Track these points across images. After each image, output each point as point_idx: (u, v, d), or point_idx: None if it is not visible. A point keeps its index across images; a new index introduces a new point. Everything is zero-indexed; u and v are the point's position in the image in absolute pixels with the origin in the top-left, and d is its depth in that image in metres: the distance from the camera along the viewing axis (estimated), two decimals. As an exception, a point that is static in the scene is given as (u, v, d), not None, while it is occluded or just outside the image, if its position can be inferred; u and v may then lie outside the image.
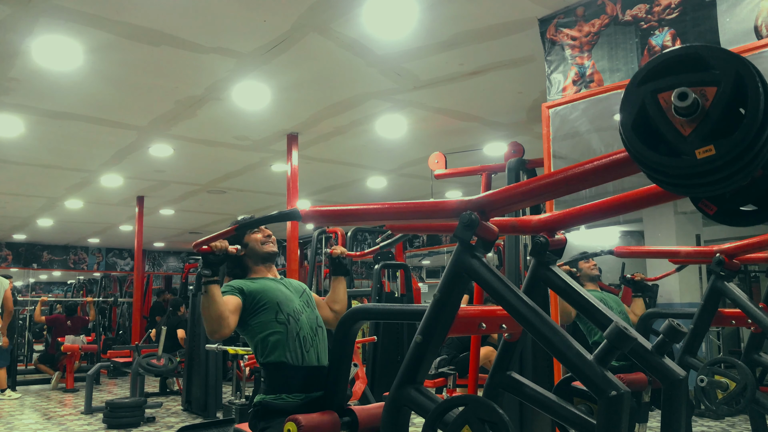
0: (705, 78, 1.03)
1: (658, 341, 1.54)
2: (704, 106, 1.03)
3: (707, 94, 1.03)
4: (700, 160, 1.03)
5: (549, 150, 3.24)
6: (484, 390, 1.74)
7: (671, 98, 1.05)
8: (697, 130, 1.04)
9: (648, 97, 1.09)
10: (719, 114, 1.02)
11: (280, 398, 2.14)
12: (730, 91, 1.01)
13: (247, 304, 2.25)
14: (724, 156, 1.01)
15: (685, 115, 1.04)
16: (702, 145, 1.03)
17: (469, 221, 1.48)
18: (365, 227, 10.78)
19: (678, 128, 1.06)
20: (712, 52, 1.04)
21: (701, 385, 2.64)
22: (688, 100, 1.03)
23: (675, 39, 2.88)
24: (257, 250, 2.40)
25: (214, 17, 3.53)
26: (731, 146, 1.00)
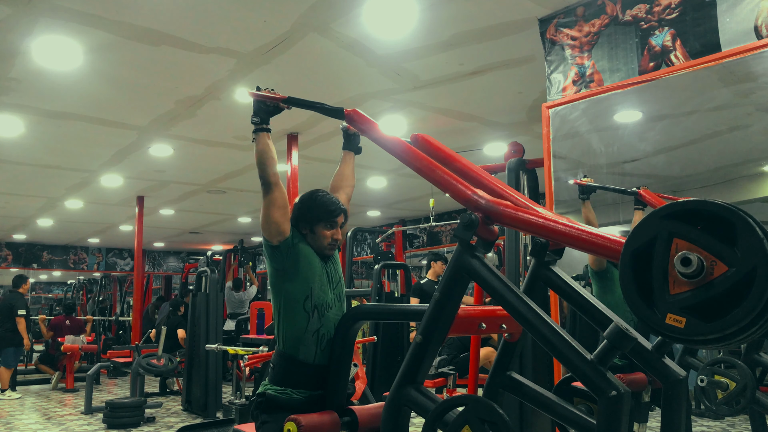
0: (724, 254, 0.99)
1: (658, 341, 1.54)
2: (708, 275, 1.00)
3: (716, 268, 0.99)
4: (667, 324, 1.02)
5: (549, 150, 3.24)
6: (484, 390, 1.74)
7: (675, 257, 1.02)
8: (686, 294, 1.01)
9: (663, 234, 1.05)
10: (715, 294, 0.99)
11: (284, 392, 2.12)
12: (738, 280, 0.97)
13: (293, 246, 2.12)
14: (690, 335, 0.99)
15: (685, 276, 1.01)
16: (677, 312, 1.01)
17: (469, 221, 1.48)
18: (365, 227, 10.79)
19: (669, 283, 1.03)
20: (747, 229, 0.98)
21: (701, 385, 2.64)
22: (690, 268, 1.00)
23: (675, 39, 2.88)
24: (319, 245, 2.21)
25: (214, 17, 3.53)
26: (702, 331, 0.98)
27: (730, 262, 0.98)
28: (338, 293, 2.24)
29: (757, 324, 0.96)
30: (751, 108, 2.90)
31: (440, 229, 10.52)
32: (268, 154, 2.17)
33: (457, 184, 1.60)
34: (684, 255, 1.01)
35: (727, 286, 0.98)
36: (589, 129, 3.33)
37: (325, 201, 2.24)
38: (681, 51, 2.85)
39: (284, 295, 2.13)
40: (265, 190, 2.13)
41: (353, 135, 2.47)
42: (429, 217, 6.46)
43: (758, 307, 0.95)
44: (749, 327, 0.96)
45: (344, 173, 2.50)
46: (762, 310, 0.95)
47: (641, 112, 3.26)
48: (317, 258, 2.20)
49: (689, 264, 1.00)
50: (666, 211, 1.07)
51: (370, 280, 9.25)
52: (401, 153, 1.78)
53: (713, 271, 0.99)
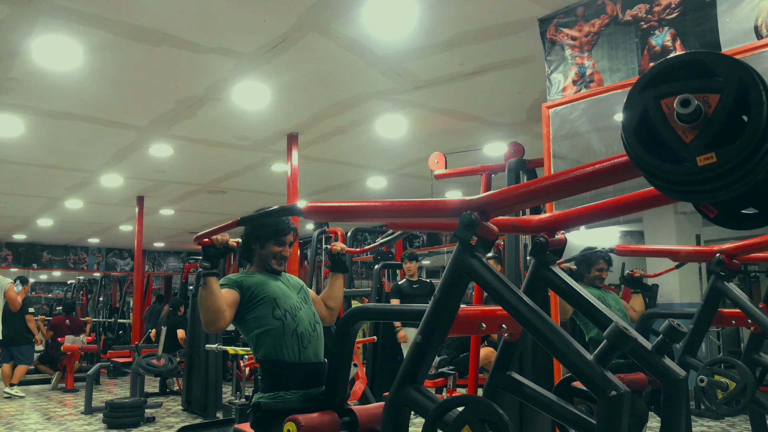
0: (708, 85, 1.03)
1: (658, 341, 1.54)
2: (707, 113, 1.03)
3: (710, 101, 1.03)
4: (701, 167, 1.03)
5: (549, 150, 3.24)
6: (484, 390, 1.74)
7: (674, 104, 1.05)
8: (699, 137, 1.03)
9: (650, 102, 1.09)
10: (722, 121, 1.01)
11: (278, 396, 2.14)
12: (733, 99, 1.00)
13: (244, 298, 2.24)
14: (725, 164, 1.01)
15: (688, 121, 1.04)
16: (703, 152, 1.03)
17: (469, 221, 1.48)
18: (365, 227, 10.80)
19: (680, 134, 1.06)
20: (715, 58, 1.04)
21: (701, 385, 2.64)
22: (691, 107, 1.03)
23: (675, 39, 2.88)
24: (267, 261, 2.38)
25: (214, 17, 3.53)
26: (733, 154, 1.00)
27: (718, 89, 1.02)
28: (302, 296, 2.37)
29: None
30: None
31: (440, 229, 10.51)
32: (218, 306, 2.13)
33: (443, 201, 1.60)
34: (682, 97, 1.04)
35: (728, 109, 1.01)
36: (589, 129, 3.33)
37: (275, 220, 2.36)
38: (681, 51, 2.85)
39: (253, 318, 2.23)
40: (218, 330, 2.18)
41: (337, 255, 2.54)
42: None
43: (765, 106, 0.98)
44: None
45: (333, 295, 2.57)
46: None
47: (641, 112, 3.26)
48: (268, 278, 2.34)
49: (689, 103, 1.03)
50: (641, 83, 1.11)
51: (370, 280, 9.26)
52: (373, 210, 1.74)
53: (710, 105, 1.03)
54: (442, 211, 1.58)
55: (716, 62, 1.03)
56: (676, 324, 1.53)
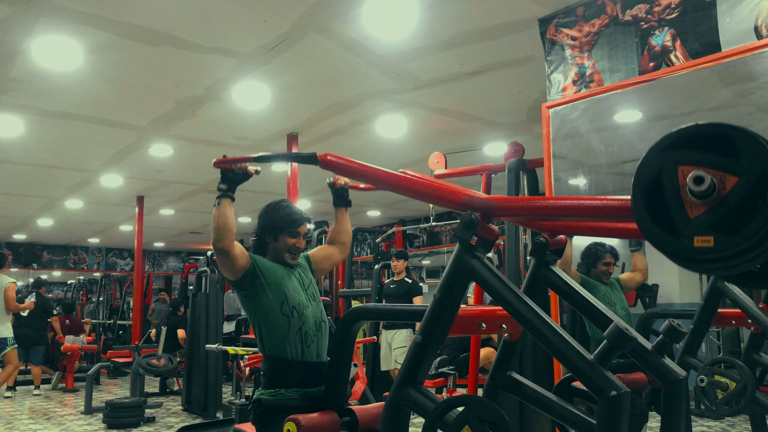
0: (730, 165, 0.99)
1: (658, 341, 1.54)
2: (720, 192, 0.99)
3: (726, 182, 0.99)
4: (697, 247, 1.01)
5: (549, 150, 3.23)
6: (484, 390, 1.74)
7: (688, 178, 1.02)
8: (705, 216, 1.00)
9: (668, 165, 1.05)
10: (732, 206, 0.98)
11: (279, 393, 2.14)
12: (750, 187, 0.97)
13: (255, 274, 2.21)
14: (721, 251, 0.99)
15: (699, 197, 1.01)
16: (703, 233, 1.00)
17: (469, 221, 1.48)
18: (365, 227, 10.80)
19: (686, 208, 1.03)
20: (746, 140, 0.99)
21: (701, 385, 2.63)
22: (704, 185, 1.00)
23: (675, 39, 2.88)
24: (281, 255, 2.33)
25: (214, 17, 3.53)
26: (732, 244, 0.98)
27: (738, 172, 0.98)
28: (311, 293, 2.34)
29: None
30: (751, 108, 2.90)
31: (440, 229, 10.52)
32: (229, 225, 2.17)
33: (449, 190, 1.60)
34: (696, 174, 1.01)
35: (742, 195, 0.98)
36: (589, 129, 3.33)
37: (289, 212, 2.35)
38: (681, 51, 2.85)
39: (261, 310, 2.21)
40: (223, 257, 2.17)
41: (340, 189, 2.50)
42: (429, 217, 6.46)
43: None
44: None
45: (340, 229, 2.55)
46: None
47: (641, 112, 3.26)
48: (281, 267, 2.30)
49: (702, 182, 1.00)
50: (664, 142, 1.07)
51: (370, 280, 9.26)
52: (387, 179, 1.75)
53: (725, 185, 1.00)
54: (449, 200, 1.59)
55: (745, 144, 0.99)
56: (676, 324, 1.53)
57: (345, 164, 1.83)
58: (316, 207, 9.34)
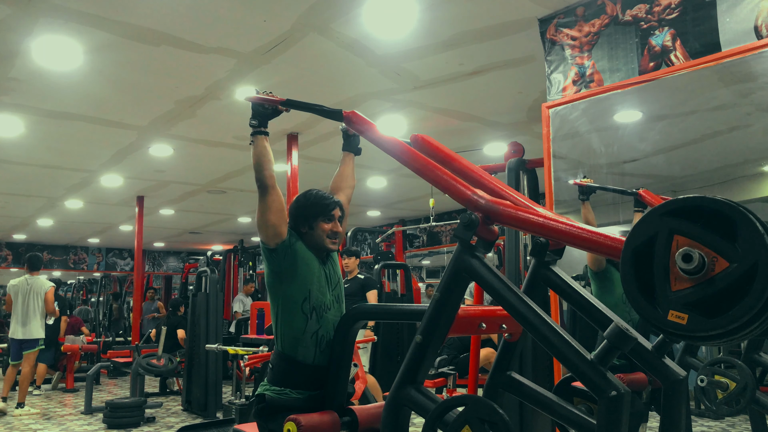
0: (725, 249, 0.99)
1: (658, 341, 1.54)
2: (709, 271, 0.99)
3: (717, 264, 0.99)
4: (669, 320, 1.01)
5: (549, 150, 3.24)
6: (484, 390, 1.74)
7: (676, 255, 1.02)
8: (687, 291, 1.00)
9: (664, 231, 1.05)
10: (717, 289, 0.98)
11: (284, 393, 2.12)
12: (739, 276, 0.97)
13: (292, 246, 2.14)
14: (691, 331, 0.99)
15: (687, 273, 1.01)
16: (680, 309, 1.01)
17: (469, 221, 1.48)
18: (365, 227, 10.80)
19: (671, 280, 1.03)
20: (747, 226, 0.98)
21: (701, 385, 2.64)
22: (692, 264, 1.00)
23: (675, 39, 2.88)
24: (320, 241, 2.22)
25: (214, 17, 3.53)
26: (704, 327, 0.98)
27: (731, 258, 0.98)
28: (337, 294, 2.25)
29: (759, 320, 0.96)
30: (751, 108, 2.90)
31: (440, 229, 10.52)
32: (266, 157, 2.18)
33: (456, 184, 1.60)
34: (685, 251, 1.01)
35: (728, 282, 0.98)
36: (589, 129, 3.33)
37: (319, 197, 2.29)
38: (681, 51, 2.86)
39: (282, 297, 2.14)
40: (261, 193, 2.15)
41: (353, 136, 2.47)
42: (429, 217, 6.46)
43: (760, 303, 0.95)
44: (751, 323, 0.96)
45: (344, 174, 2.50)
46: (763, 306, 0.95)
47: (641, 112, 3.26)
48: (315, 259, 2.21)
49: (690, 260, 1.00)
50: (666, 208, 1.07)
51: (370, 280, 9.24)
52: (400, 154, 1.77)
53: (714, 267, 0.99)
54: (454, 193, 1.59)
55: (746, 232, 0.98)
56: (676, 324, 1.53)
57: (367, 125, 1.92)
58: (316, 207, 9.33)
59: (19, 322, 6.58)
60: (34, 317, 6.63)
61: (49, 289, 6.77)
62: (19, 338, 6.57)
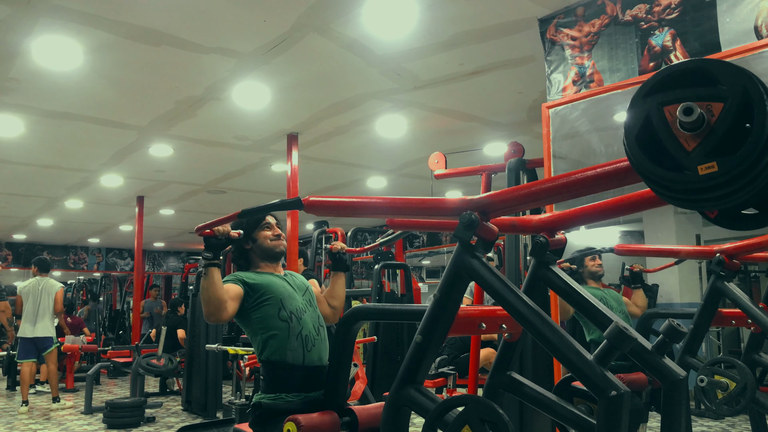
0: (712, 93, 1.03)
1: (658, 341, 1.54)
2: (710, 121, 1.02)
3: (713, 110, 1.02)
4: (702, 176, 1.02)
5: (549, 150, 3.24)
6: (484, 390, 1.74)
7: (677, 112, 1.04)
8: (701, 146, 1.03)
9: (653, 109, 1.08)
10: (724, 130, 1.01)
11: (279, 398, 2.14)
12: (737, 108, 1.00)
13: (249, 294, 2.23)
14: (727, 173, 1.00)
15: (690, 130, 1.03)
16: (705, 161, 1.02)
17: (469, 221, 1.48)
18: (365, 227, 10.80)
19: (682, 143, 1.05)
20: (720, 67, 1.03)
21: (701, 385, 2.64)
22: (694, 116, 1.02)
23: (675, 39, 2.88)
24: (265, 246, 2.36)
25: (214, 17, 3.53)
26: (735, 163, 0.99)
27: (721, 97, 1.02)
28: (308, 299, 2.36)
29: None
30: (751, 108, 2.90)
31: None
32: (219, 292, 2.12)
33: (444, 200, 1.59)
34: (685, 106, 1.03)
35: (731, 117, 1.00)
36: (589, 129, 3.33)
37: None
38: (681, 51, 2.85)
39: (258, 317, 2.22)
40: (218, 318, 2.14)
41: (338, 254, 2.51)
42: (429, 217, 6.45)
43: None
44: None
45: (335, 293, 2.56)
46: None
47: (641, 112, 3.26)
48: (274, 276, 2.33)
49: (692, 112, 1.02)
50: (645, 89, 1.10)
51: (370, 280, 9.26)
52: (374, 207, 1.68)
53: (713, 113, 1.02)
54: (443, 210, 1.58)
55: (720, 70, 1.03)
56: (676, 324, 1.53)
57: (329, 204, 1.68)
58: (316, 207, 9.33)
59: (29, 321, 6.73)
60: (45, 316, 6.79)
61: (59, 289, 6.97)
62: (30, 336, 6.70)
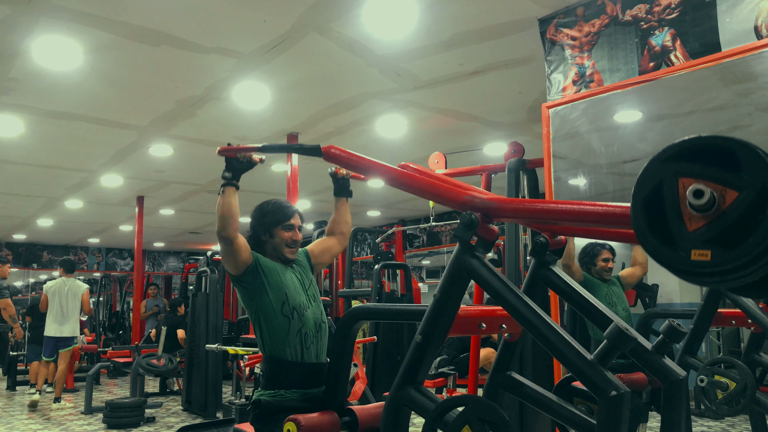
0: (731, 179, 0.99)
1: (658, 341, 1.54)
2: (720, 205, 0.99)
3: (727, 196, 0.99)
4: (693, 261, 1.01)
5: (549, 150, 3.24)
6: (484, 390, 1.74)
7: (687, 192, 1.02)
8: (703, 230, 1.01)
9: (669, 176, 1.05)
10: (731, 221, 0.98)
11: (278, 395, 2.14)
12: (750, 202, 0.97)
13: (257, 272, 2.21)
14: (718, 265, 0.99)
15: (698, 210, 1.01)
16: (701, 247, 1.00)
17: (469, 221, 1.48)
18: (365, 227, 10.80)
19: (685, 221, 1.03)
20: (748, 153, 0.98)
21: (701, 385, 2.64)
22: (703, 199, 1.00)
23: (675, 39, 2.88)
24: (279, 249, 2.32)
25: (214, 17, 3.53)
26: (729, 259, 0.98)
27: (738, 187, 0.98)
28: (312, 294, 2.34)
29: None
30: (751, 108, 2.90)
31: (440, 229, 10.52)
32: (233, 211, 2.16)
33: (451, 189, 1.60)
34: (696, 188, 1.01)
35: (741, 210, 0.98)
36: (589, 129, 3.33)
37: (278, 205, 2.35)
38: (681, 51, 2.86)
39: (261, 308, 2.21)
40: (226, 244, 2.16)
41: (342, 179, 2.50)
42: (429, 217, 6.46)
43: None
44: None
45: (339, 220, 2.54)
46: None
47: (641, 112, 3.26)
48: (283, 266, 2.31)
49: (702, 196, 1.00)
50: (666, 153, 1.07)
51: (370, 280, 9.26)
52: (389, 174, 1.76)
53: (725, 200, 1.00)
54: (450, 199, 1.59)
55: (747, 157, 0.98)
56: (676, 324, 1.53)
57: (347, 157, 1.86)
58: (316, 207, 9.34)
59: (56, 321, 6.91)
60: (72, 317, 7.00)
61: (85, 291, 7.19)
62: (56, 336, 6.91)
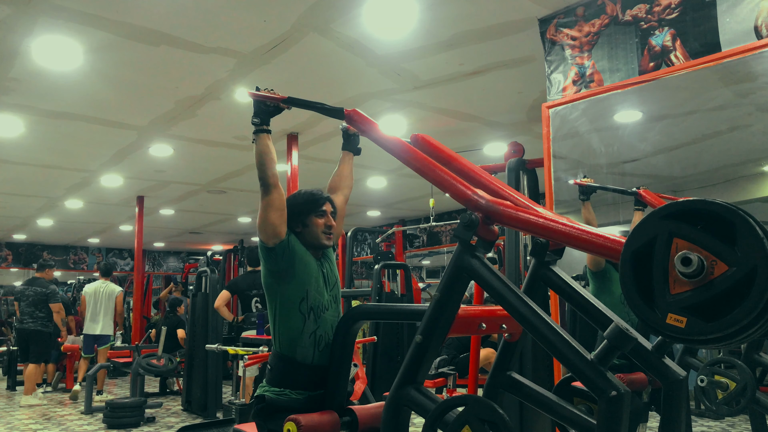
0: (724, 253, 0.98)
1: (658, 341, 1.54)
2: (708, 274, 0.99)
3: (716, 268, 0.98)
4: (667, 324, 1.01)
5: (549, 150, 3.24)
6: (484, 390, 1.74)
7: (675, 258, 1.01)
8: (686, 294, 1.00)
9: (663, 234, 1.05)
10: (716, 293, 0.98)
11: (284, 393, 2.12)
12: (738, 279, 0.96)
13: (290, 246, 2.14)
14: (689, 335, 0.99)
15: (685, 276, 1.01)
16: (678, 312, 1.00)
17: (469, 221, 1.48)
18: (365, 227, 10.79)
19: (670, 282, 1.03)
20: (747, 230, 0.97)
21: (701, 385, 2.64)
22: (690, 267, 0.99)
23: (675, 39, 2.88)
24: (315, 236, 2.22)
25: (214, 17, 3.53)
26: (703, 331, 0.97)
27: (730, 262, 0.98)
28: (334, 294, 2.26)
29: (758, 324, 0.96)
30: (751, 108, 2.90)
31: (440, 229, 10.52)
32: (269, 156, 2.16)
33: (456, 184, 1.60)
34: (684, 255, 1.00)
35: (727, 285, 0.97)
36: (589, 129, 3.33)
37: (308, 194, 2.29)
38: (681, 51, 2.86)
39: (280, 298, 2.15)
40: (264, 192, 2.13)
41: (353, 135, 2.47)
42: (429, 217, 6.47)
43: (758, 306, 0.94)
44: (749, 327, 0.96)
45: (343, 173, 2.50)
46: (762, 310, 0.95)
47: (641, 112, 3.26)
48: (313, 259, 2.22)
49: (689, 264, 1.00)
50: (666, 211, 1.06)
51: (370, 280, 9.26)
52: (401, 153, 1.78)
53: (714, 271, 0.99)
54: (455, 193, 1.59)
55: (745, 233, 0.97)
56: (676, 324, 1.53)
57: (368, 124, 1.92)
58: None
59: (93, 321, 7.58)
60: (105, 316, 7.60)
61: (119, 293, 7.78)
62: (93, 334, 7.57)
